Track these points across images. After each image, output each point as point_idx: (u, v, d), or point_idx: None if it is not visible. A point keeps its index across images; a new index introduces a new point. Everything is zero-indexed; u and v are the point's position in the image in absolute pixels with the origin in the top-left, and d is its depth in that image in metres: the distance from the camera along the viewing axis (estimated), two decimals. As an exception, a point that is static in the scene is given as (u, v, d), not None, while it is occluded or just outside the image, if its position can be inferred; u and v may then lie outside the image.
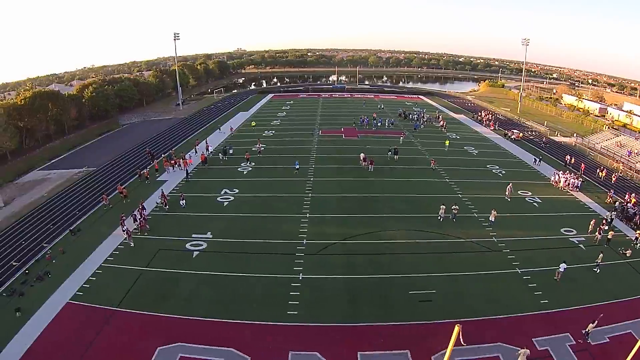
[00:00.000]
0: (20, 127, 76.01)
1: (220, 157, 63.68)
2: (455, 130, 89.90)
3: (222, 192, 51.16)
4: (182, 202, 46.83)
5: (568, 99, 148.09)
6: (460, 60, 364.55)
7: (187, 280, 33.44)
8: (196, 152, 68.13)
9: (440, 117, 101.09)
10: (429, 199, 49.30)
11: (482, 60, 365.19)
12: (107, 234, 40.49)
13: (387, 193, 51.93)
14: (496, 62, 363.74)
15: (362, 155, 62.21)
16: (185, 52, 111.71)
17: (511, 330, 27.67)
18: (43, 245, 39.67)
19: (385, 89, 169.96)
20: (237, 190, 51.63)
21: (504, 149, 75.72)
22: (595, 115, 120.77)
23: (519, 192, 52.29)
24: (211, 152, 67.12)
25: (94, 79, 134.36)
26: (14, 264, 36.26)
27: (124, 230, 39.16)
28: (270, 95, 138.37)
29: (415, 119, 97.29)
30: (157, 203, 47.54)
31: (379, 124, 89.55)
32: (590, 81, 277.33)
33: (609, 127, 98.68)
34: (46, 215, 46.34)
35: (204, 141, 73.09)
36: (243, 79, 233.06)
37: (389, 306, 30.34)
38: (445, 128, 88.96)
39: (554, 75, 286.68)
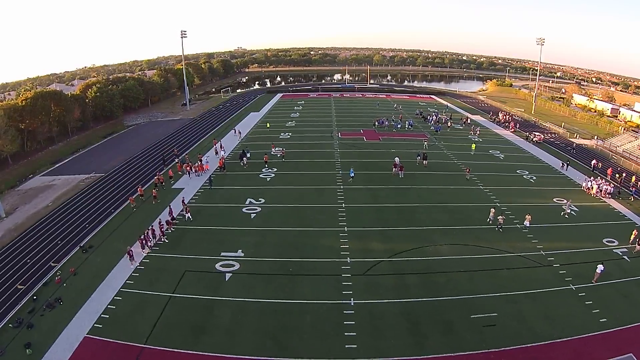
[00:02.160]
0: (21, 129, 72.11)
1: (243, 163, 60.13)
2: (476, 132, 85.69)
3: (247, 202, 47.11)
4: (188, 215, 42.65)
5: (579, 99, 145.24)
6: (464, 58, 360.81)
7: (224, 309, 29.34)
8: (217, 153, 64.38)
9: (468, 119, 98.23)
10: (468, 209, 46.84)
11: (485, 59, 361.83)
12: (124, 252, 35.99)
13: (424, 202, 48.35)
14: (499, 61, 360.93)
15: (396, 159, 58.37)
16: (186, 51, 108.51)
17: (577, 353, 26.00)
18: (51, 265, 35.57)
19: (396, 88, 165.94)
20: (263, 200, 47.55)
21: (529, 153, 72.80)
22: (608, 116, 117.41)
23: (554, 199, 50.32)
24: (223, 155, 62.96)
25: (97, 78, 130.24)
26: (20, 287, 32.28)
27: (130, 256, 34.92)
28: (279, 95, 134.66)
29: (435, 120, 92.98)
30: (174, 217, 43.06)
31: (399, 126, 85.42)
32: (594, 80, 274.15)
33: (625, 129, 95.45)
34: (53, 229, 42.47)
35: (218, 143, 68.91)
36: (246, 78, 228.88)
37: (453, 334, 27.37)
38: (477, 134, 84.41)
39: (558, 74, 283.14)
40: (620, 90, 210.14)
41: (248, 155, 61.94)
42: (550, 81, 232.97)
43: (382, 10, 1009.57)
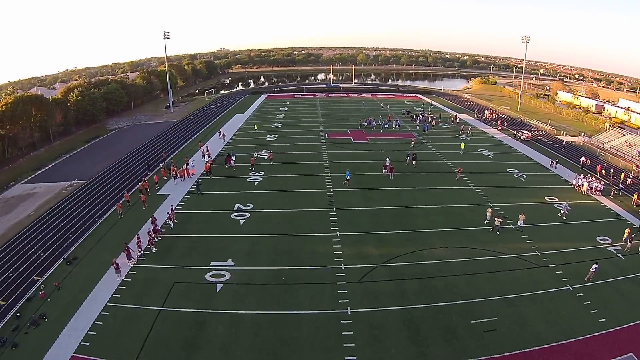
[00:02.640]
0: (2, 135, 69.53)
1: (227, 166, 58.95)
2: (463, 130, 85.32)
3: (236, 208, 45.86)
4: (170, 222, 41.23)
5: (563, 96, 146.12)
6: (447, 57, 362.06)
7: (217, 323, 28.10)
8: (204, 156, 63.01)
9: (457, 118, 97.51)
10: (463, 210, 46.35)
11: (468, 57, 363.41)
12: (109, 263, 34.50)
13: (417, 204, 47.60)
14: (482, 59, 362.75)
15: (387, 160, 57.41)
16: (168, 52, 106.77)
17: (579, 356, 25.79)
18: (34, 279, 33.94)
19: (381, 87, 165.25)
20: (251, 205, 46.33)
21: (518, 151, 72.73)
22: (593, 113, 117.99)
23: (546, 198, 50.29)
24: (210, 160, 61.76)
25: (79, 81, 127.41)
26: (2, 303, 30.72)
27: (116, 268, 33.34)
28: (264, 96, 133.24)
29: (421, 120, 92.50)
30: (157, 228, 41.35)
31: (387, 126, 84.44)
32: (576, 76, 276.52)
33: (611, 126, 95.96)
34: (35, 240, 40.79)
35: (205, 146, 67.61)
36: (230, 79, 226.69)
37: (455, 340, 26.72)
38: (468, 133, 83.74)
39: (541, 71, 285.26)
40: (603, 87, 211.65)
41: (234, 158, 60.66)
42: (534, 78, 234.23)
43: (365, 9, 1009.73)
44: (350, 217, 43.75)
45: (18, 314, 29.45)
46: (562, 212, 45.63)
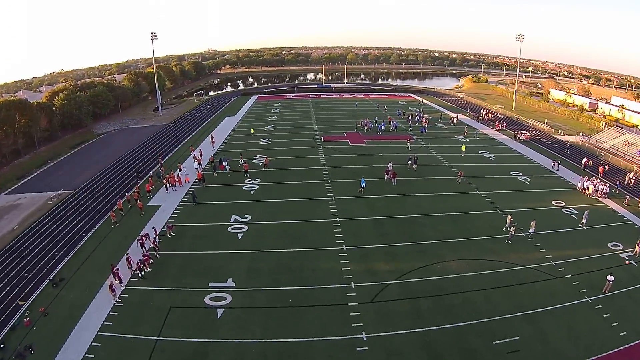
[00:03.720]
0: (-16, 142, 65.69)
1: (216, 174, 56.75)
2: (461, 132, 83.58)
3: (232, 220, 43.14)
4: (156, 239, 38.36)
5: (556, 94, 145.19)
6: (436, 55, 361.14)
7: (220, 354, 25.53)
8: (199, 163, 60.10)
9: (457, 117, 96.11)
10: (471, 217, 44.56)
11: (457, 55, 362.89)
12: (99, 285, 32.22)
13: (424, 212, 45.45)
14: (471, 57, 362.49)
15: (389, 165, 55.24)
16: (156, 53, 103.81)
17: None
18: (18, 304, 31.11)
19: (373, 87, 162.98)
20: (249, 217, 43.65)
21: (518, 152, 71.21)
22: (586, 111, 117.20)
23: (552, 202, 48.98)
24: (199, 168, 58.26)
25: (64, 84, 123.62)
26: (-17, 332, 27.51)
27: (112, 289, 30.60)
28: (254, 97, 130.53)
29: (416, 120, 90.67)
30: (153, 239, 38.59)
31: (383, 128, 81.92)
32: (565, 73, 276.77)
33: (607, 125, 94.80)
34: (19, 258, 37.87)
35: (197, 151, 65.14)
36: (218, 79, 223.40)
37: None
38: (474, 137, 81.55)
39: (530, 69, 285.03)
40: (593, 84, 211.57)
41: (225, 163, 58.33)
42: (524, 76, 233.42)
43: (352, 8, 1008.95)
44: (355, 228, 41.40)
45: (2, 345, 26.75)
46: (583, 221, 43.54)
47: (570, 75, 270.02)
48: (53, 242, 40.48)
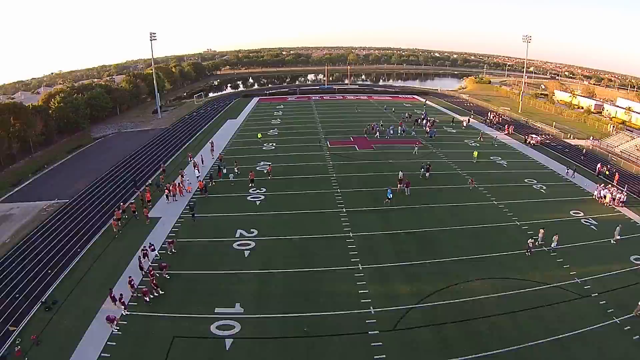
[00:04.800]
0: (-23, 148, 63.06)
1: (212, 183, 53.78)
2: (473, 136, 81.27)
3: (238, 235, 40.28)
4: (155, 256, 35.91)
5: (561, 95, 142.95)
6: (437, 55, 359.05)
7: (230, 397, 22.34)
8: (194, 166, 57.57)
9: (469, 121, 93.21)
10: (490, 231, 42.36)
11: (457, 55, 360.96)
12: (95, 309, 29.62)
13: (441, 226, 42.85)
14: (472, 57, 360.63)
15: (400, 174, 52.77)
16: (155, 54, 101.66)
17: None
18: (9, 329, 28.39)
19: (376, 88, 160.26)
20: (255, 232, 40.81)
21: (531, 158, 68.80)
22: (592, 112, 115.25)
23: (571, 212, 46.89)
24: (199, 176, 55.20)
25: (61, 86, 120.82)
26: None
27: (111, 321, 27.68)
28: (256, 99, 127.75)
29: (424, 124, 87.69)
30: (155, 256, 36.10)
31: (391, 132, 79.13)
32: (566, 74, 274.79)
33: (615, 128, 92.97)
34: (9, 277, 34.99)
35: (199, 157, 62.82)
36: (218, 80, 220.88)
37: None
38: (492, 143, 78.38)
39: (531, 69, 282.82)
40: (594, 84, 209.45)
41: (224, 171, 55.99)
42: (526, 77, 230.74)
43: (351, 8, 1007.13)
44: (370, 245, 38.72)
45: (-10, 379, 23.76)
46: (617, 237, 41.08)
47: (571, 75, 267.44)
48: (46, 259, 37.70)
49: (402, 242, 39.58)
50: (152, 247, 36.40)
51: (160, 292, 31.35)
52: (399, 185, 50.89)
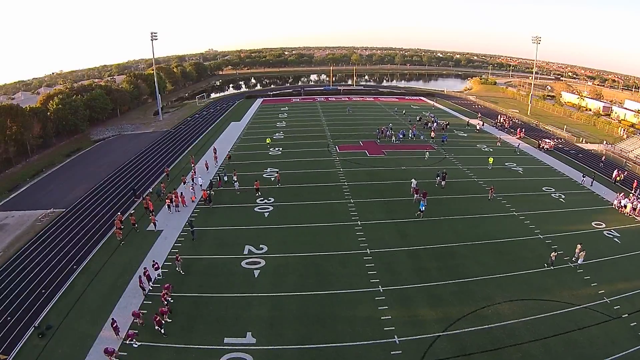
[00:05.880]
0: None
1: (226, 191, 51.29)
2: (485, 140, 78.89)
3: (246, 251, 37.48)
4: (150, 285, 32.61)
5: (568, 97, 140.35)
6: (439, 55, 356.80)
7: None
8: (193, 172, 54.64)
9: (483, 124, 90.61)
10: (513, 245, 39.88)
11: (460, 55, 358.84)
12: (93, 337, 27.08)
13: (462, 240, 40.18)
14: (475, 57, 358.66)
15: (414, 182, 50.15)
16: (156, 54, 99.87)
17: None
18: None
19: (381, 89, 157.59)
20: (265, 248, 37.99)
21: (545, 164, 66.43)
22: (601, 115, 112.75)
23: (593, 224, 44.60)
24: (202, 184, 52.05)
25: (60, 88, 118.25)
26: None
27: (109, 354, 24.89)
28: (259, 100, 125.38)
29: (436, 128, 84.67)
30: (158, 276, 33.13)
31: (402, 136, 76.30)
32: (569, 74, 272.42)
33: (626, 131, 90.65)
34: (1, 298, 32.40)
35: (204, 162, 60.12)
36: (220, 81, 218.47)
37: None
38: (516, 152, 74.92)
39: (535, 70, 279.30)
40: (598, 85, 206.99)
41: (226, 178, 53.52)
42: (530, 77, 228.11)
43: (353, 8, 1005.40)
44: (389, 263, 36.00)
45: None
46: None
47: (574, 76, 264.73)
48: (40, 276, 35.20)
49: (422, 259, 36.91)
50: (156, 264, 33.43)
51: (168, 320, 28.36)
52: (415, 195, 47.88)
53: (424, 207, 44.43)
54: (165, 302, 29.61)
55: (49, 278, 34.84)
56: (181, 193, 47.91)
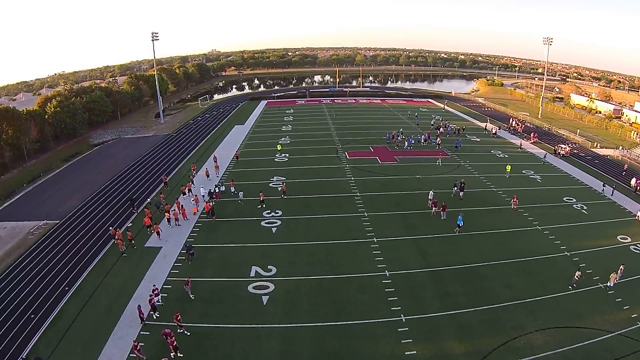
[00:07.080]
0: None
1: (213, 208, 46.50)
2: (499, 146, 75.91)
3: (253, 274, 34.33)
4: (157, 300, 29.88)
5: (577, 99, 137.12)
6: (444, 56, 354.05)
7: None
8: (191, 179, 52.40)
9: (499, 129, 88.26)
10: (540, 265, 36.98)
11: (465, 56, 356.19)
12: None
13: (486, 259, 37.09)
14: (480, 58, 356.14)
15: (431, 194, 47.12)
16: (158, 54, 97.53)
17: None
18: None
19: (387, 91, 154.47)
20: (274, 270, 34.75)
21: (563, 171, 63.44)
22: (612, 118, 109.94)
23: (618, 238, 41.89)
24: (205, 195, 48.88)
25: (58, 90, 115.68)
26: None
27: None
28: (264, 102, 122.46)
29: (449, 132, 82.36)
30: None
31: (413, 142, 73.04)
32: (574, 75, 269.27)
33: (638, 135, 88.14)
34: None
35: (205, 170, 57.32)
36: (223, 82, 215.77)
37: None
38: (520, 150, 73.46)
39: (539, 70, 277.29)
40: (604, 86, 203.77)
41: (223, 188, 50.74)
42: (536, 79, 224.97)
43: (357, 8, 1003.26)
44: (411, 287, 32.89)
45: None
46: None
47: (580, 76, 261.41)
48: (29, 299, 32.46)
49: (446, 282, 33.83)
50: (156, 290, 30.33)
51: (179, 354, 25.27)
52: (433, 208, 44.91)
53: (462, 223, 41.38)
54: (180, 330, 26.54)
55: (39, 301, 32.11)
56: (182, 205, 44.38)
